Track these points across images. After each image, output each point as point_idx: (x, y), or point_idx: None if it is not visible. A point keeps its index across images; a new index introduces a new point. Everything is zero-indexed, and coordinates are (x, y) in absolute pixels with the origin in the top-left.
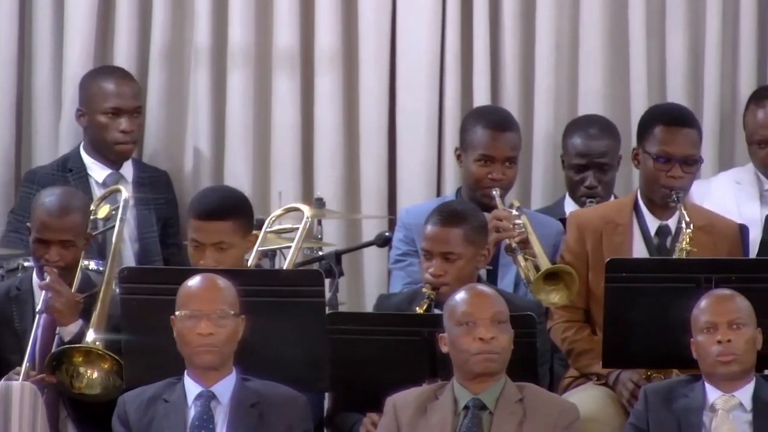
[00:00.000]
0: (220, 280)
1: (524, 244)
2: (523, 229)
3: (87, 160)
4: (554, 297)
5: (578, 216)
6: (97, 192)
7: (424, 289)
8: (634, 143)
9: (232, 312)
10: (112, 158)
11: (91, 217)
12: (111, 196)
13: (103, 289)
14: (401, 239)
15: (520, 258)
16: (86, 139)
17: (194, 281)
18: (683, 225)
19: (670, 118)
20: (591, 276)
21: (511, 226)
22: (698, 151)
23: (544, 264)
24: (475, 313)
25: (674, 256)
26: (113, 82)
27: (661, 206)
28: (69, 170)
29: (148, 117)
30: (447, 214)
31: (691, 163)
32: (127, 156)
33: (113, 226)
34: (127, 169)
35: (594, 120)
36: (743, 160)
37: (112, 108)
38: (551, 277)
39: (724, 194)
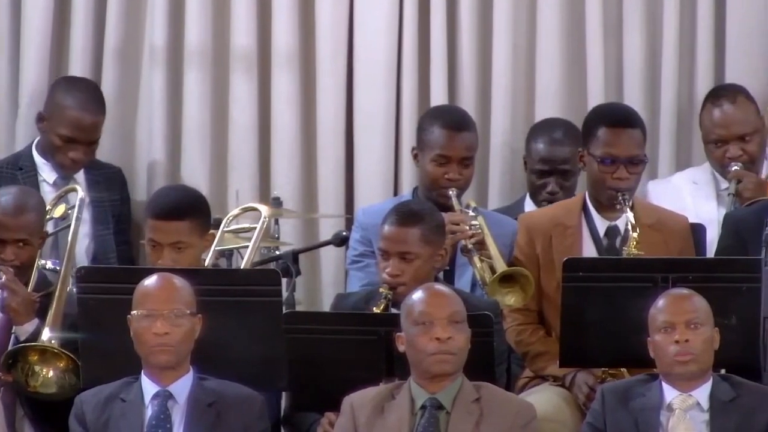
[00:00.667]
0: (177, 279)
1: (480, 245)
2: (479, 230)
3: (38, 159)
4: (510, 299)
5: (528, 218)
6: (47, 191)
7: (381, 289)
8: None
9: (189, 311)
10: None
11: (47, 217)
12: (65, 195)
13: (58, 288)
14: (358, 239)
15: (476, 259)
16: (40, 141)
17: (150, 281)
18: (629, 228)
19: (613, 120)
20: (543, 277)
21: (467, 227)
22: (642, 151)
23: (500, 266)
24: (432, 312)
25: None
26: (78, 108)
27: (608, 207)
28: (19, 168)
29: None
30: (404, 214)
31: (636, 163)
32: (72, 174)
33: (68, 226)
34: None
35: (558, 125)
36: (701, 159)
37: (67, 137)
38: (507, 279)
39: (681, 194)
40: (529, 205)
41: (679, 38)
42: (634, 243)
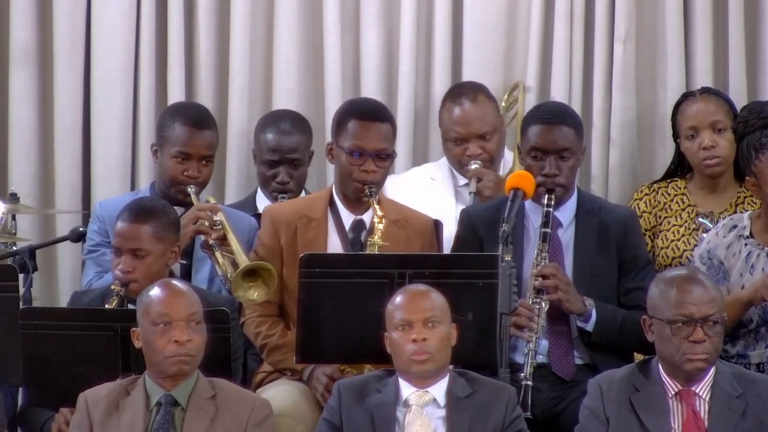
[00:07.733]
0: None
1: (222, 241)
2: (221, 226)
3: None
4: (253, 294)
5: (273, 210)
6: None
7: (113, 286)
8: (328, 138)
9: None
10: None
11: None
12: None
13: None
14: (95, 230)
15: (218, 255)
16: None
17: None
18: (376, 220)
19: (364, 113)
20: (285, 271)
21: (212, 223)
22: (391, 145)
23: (242, 261)
24: (170, 314)
25: (366, 251)
26: None
27: (355, 201)
28: None
29: None
30: (137, 211)
31: (384, 158)
32: None
33: None
34: None
35: (286, 115)
36: (437, 155)
37: None
38: (250, 274)
39: (418, 189)
40: (261, 199)
41: (416, 34)
42: (379, 234)
